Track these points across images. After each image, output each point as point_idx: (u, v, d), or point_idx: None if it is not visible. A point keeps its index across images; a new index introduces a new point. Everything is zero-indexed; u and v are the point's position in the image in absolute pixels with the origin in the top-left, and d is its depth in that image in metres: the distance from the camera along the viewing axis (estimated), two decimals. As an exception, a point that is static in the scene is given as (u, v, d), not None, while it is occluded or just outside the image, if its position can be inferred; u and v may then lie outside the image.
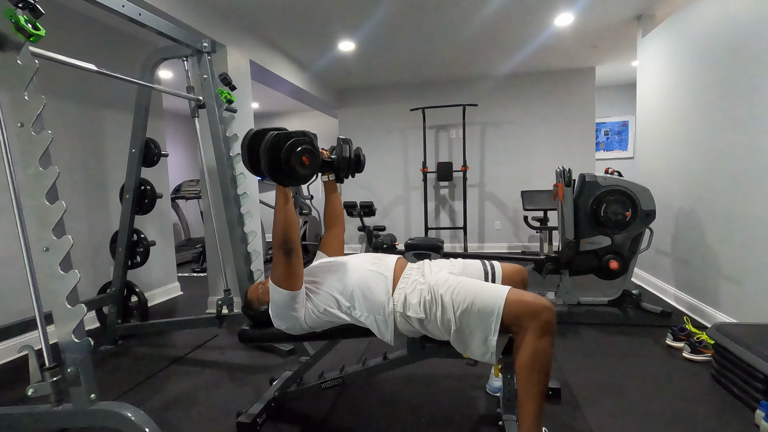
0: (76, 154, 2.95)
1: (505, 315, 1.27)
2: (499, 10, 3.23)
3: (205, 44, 2.36)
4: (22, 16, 1.33)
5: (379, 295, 1.43)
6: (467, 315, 1.31)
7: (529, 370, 1.26)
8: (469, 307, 1.31)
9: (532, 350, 1.25)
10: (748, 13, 2.24)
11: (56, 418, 1.42)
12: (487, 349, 1.30)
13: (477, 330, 1.31)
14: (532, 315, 1.25)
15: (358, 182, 5.80)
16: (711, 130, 2.58)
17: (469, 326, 1.31)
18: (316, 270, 1.55)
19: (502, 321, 1.27)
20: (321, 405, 1.81)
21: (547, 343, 1.25)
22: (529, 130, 5.31)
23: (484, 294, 1.32)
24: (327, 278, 1.49)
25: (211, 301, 3.24)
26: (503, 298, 1.28)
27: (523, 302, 1.28)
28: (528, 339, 1.25)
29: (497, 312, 1.27)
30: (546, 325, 1.24)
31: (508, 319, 1.27)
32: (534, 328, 1.24)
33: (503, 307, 1.27)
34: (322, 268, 1.55)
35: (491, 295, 1.31)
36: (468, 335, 1.32)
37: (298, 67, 4.43)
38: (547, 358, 1.26)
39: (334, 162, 1.75)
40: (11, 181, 1.39)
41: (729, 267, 2.42)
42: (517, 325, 1.27)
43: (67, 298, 1.36)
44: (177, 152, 6.45)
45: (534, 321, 1.24)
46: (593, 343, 2.40)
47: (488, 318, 1.28)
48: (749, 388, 1.67)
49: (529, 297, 1.29)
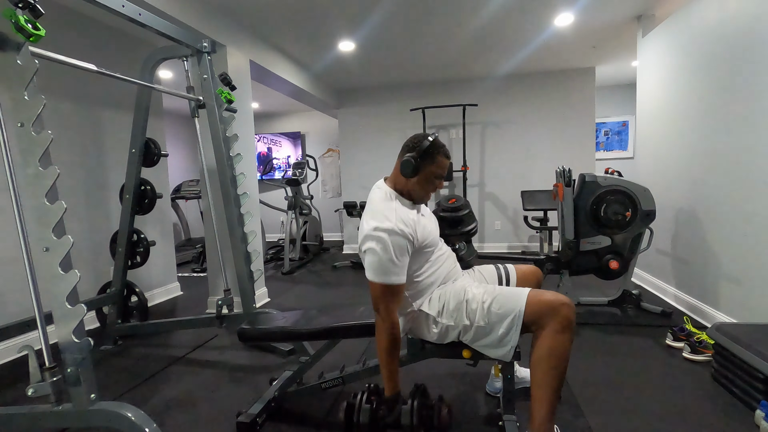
0: (76, 154, 2.95)
1: (526, 314, 1.30)
2: (499, 10, 3.22)
3: (205, 44, 2.37)
4: (22, 16, 1.33)
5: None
6: (488, 315, 1.35)
7: (546, 365, 1.28)
8: (490, 307, 1.35)
9: (550, 344, 1.27)
10: (747, 13, 2.24)
11: (56, 418, 1.42)
12: (504, 349, 1.33)
13: (497, 328, 1.34)
14: (552, 312, 1.28)
15: (358, 182, 5.80)
16: (711, 130, 2.58)
17: (490, 324, 1.35)
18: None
19: (524, 318, 1.30)
20: (321, 405, 1.81)
21: (565, 339, 1.27)
22: (529, 130, 5.31)
23: (504, 296, 1.37)
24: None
25: (211, 301, 3.24)
26: (524, 298, 1.32)
27: (543, 301, 1.31)
28: (546, 334, 1.28)
29: (519, 311, 1.31)
30: (565, 321, 1.27)
31: (528, 318, 1.30)
32: (553, 324, 1.27)
33: (524, 306, 1.30)
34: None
35: (512, 296, 1.35)
36: (488, 333, 1.35)
37: (298, 67, 4.43)
38: (565, 355, 1.28)
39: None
40: (11, 181, 1.39)
41: (729, 267, 2.42)
42: (537, 323, 1.30)
43: (67, 298, 1.36)
44: (177, 152, 6.45)
45: (554, 317, 1.27)
46: (593, 343, 2.40)
47: (507, 317, 1.32)
48: (749, 388, 1.68)
49: (549, 295, 1.32)
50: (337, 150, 6.38)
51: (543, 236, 4.67)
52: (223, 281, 2.52)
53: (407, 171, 1.42)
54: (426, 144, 1.43)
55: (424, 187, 1.47)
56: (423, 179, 1.45)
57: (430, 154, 1.43)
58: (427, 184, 1.47)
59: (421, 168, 1.43)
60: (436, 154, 1.44)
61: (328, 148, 6.85)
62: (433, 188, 1.49)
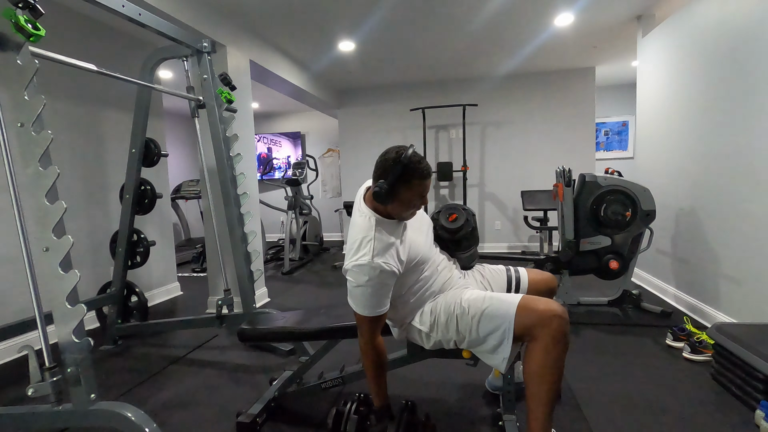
0: (76, 154, 2.94)
1: (516, 325, 1.25)
2: (499, 10, 3.22)
3: (205, 44, 2.37)
4: (22, 16, 1.33)
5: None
6: (479, 328, 1.31)
7: (539, 380, 1.24)
8: (480, 320, 1.31)
9: (542, 360, 1.23)
10: (747, 14, 2.24)
11: (56, 418, 1.42)
12: (498, 357, 1.29)
13: (489, 340, 1.30)
14: (542, 324, 1.22)
15: (358, 182, 5.78)
16: (711, 129, 2.58)
17: (481, 336, 1.31)
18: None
19: (515, 330, 1.25)
20: (321, 405, 1.81)
21: (558, 352, 1.22)
22: (529, 130, 5.31)
23: (494, 306, 1.32)
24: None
25: (211, 301, 3.24)
26: (514, 308, 1.27)
27: (534, 311, 1.24)
28: (538, 348, 1.23)
29: (509, 323, 1.26)
30: (557, 334, 1.21)
31: (519, 329, 1.25)
32: (544, 337, 1.22)
33: (513, 320, 1.26)
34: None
35: (502, 306, 1.30)
36: (481, 343, 1.32)
37: (298, 67, 4.43)
38: (558, 368, 1.24)
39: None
40: (11, 181, 1.39)
41: (729, 267, 2.42)
42: (529, 334, 1.25)
43: (67, 298, 1.36)
44: (177, 152, 6.46)
45: (544, 330, 1.22)
46: (593, 343, 2.40)
47: (498, 330, 1.28)
48: (749, 388, 1.67)
49: (541, 305, 1.25)
50: (337, 150, 6.38)
51: (543, 236, 4.67)
52: (223, 281, 2.52)
53: (379, 200, 1.28)
54: (397, 169, 1.25)
55: (405, 208, 1.33)
56: (399, 204, 1.31)
57: (403, 179, 1.26)
58: (408, 205, 1.33)
59: (395, 195, 1.28)
60: (411, 179, 1.27)
61: (328, 148, 6.85)
62: (416, 207, 1.36)
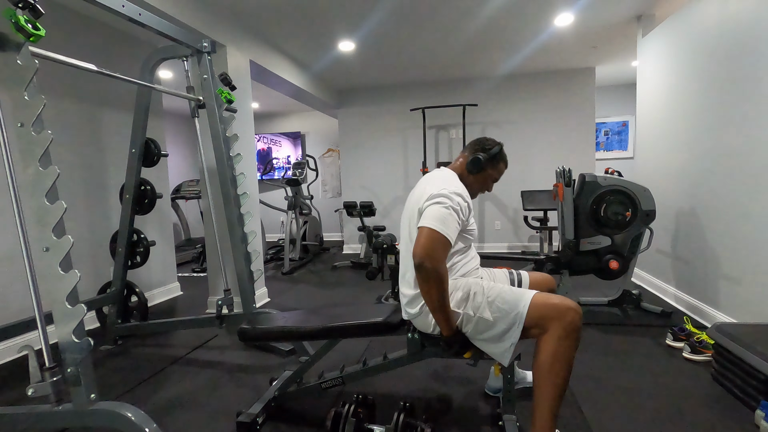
0: (76, 154, 2.94)
1: (529, 314, 1.27)
2: (499, 10, 3.22)
3: (205, 44, 2.36)
4: (22, 16, 1.33)
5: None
6: (491, 308, 1.33)
7: (548, 371, 1.25)
8: (494, 301, 1.34)
9: (554, 349, 1.24)
10: (748, 13, 2.24)
11: (56, 418, 1.42)
12: (504, 345, 1.30)
13: (499, 323, 1.31)
14: (557, 315, 1.25)
15: (358, 182, 5.80)
16: (711, 129, 2.58)
17: (492, 318, 1.33)
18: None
19: (526, 321, 1.27)
20: (321, 405, 1.81)
21: (570, 344, 1.24)
22: (529, 130, 5.31)
23: (509, 293, 1.35)
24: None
25: (211, 301, 3.24)
26: (529, 298, 1.30)
27: (549, 303, 1.28)
28: (550, 338, 1.25)
29: (522, 308, 1.28)
30: (570, 327, 1.24)
31: (532, 318, 1.27)
32: (557, 329, 1.24)
33: (528, 305, 1.28)
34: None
35: (518, 294, 1.34)
36: (490, 327, 1.33)
37: (298, 67, 4.43)
38: (568, 361, 1.25)
39: None
40: (11, 181, 1.39)
41: (729, 267, 2.42)
42: (541, 326, 1.27)
43: (67, 298, 1.36)
44: (177, 152, 6.46)
45: (558, 321, 1.24)
46: (593, 343, 2.40)
47: (510, 313, 1.30)
48: (749, 388, 1.67)
49: (556, 299, 1.30)
50: (337, 150, 6.38)
51: (543, 236, 4.67)
52: (223, 281, 2.52)
53: (474, 168, 1.57)
54: (496, 150, 1.60)
55: (481, 185, 1.63)
56: (482, 179, 1.62)
57: (496, 159, 1.61)
58: (484, 183, 1.64)
59: (485, 168, 1.59)
60: (500, 161, 1.64)
61: (328, 148, 6.85)
62: (486, 188, 1.66)
